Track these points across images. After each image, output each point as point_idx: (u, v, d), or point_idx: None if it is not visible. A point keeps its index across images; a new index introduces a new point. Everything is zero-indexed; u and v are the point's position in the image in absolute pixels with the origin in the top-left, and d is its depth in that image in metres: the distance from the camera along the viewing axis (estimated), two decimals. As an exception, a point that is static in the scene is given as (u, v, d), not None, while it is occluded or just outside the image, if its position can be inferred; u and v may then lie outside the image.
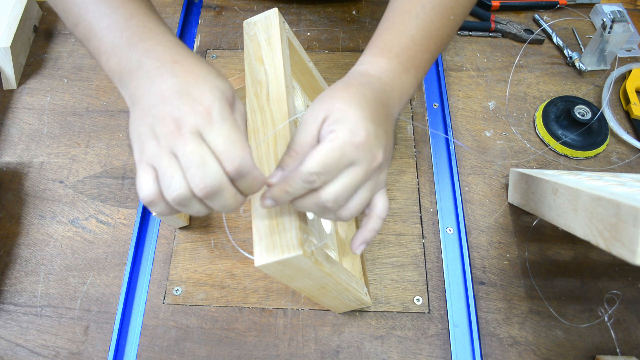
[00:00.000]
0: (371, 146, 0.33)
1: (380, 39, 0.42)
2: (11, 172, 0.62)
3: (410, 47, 0.41)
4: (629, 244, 0.32)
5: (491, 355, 0.49)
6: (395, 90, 0.39)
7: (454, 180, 0.58)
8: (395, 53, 0.40)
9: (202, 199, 0.30)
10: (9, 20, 0.69)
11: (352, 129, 0.32)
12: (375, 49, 0.41)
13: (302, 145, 0.33)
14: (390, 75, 0.39)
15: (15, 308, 0.53)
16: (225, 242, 0.56)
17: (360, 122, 0.32)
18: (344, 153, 0.32)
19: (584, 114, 0.60)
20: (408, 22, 0.41)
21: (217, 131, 0.30)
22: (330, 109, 0.33)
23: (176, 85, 0.32)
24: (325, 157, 0.31)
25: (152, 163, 0.31)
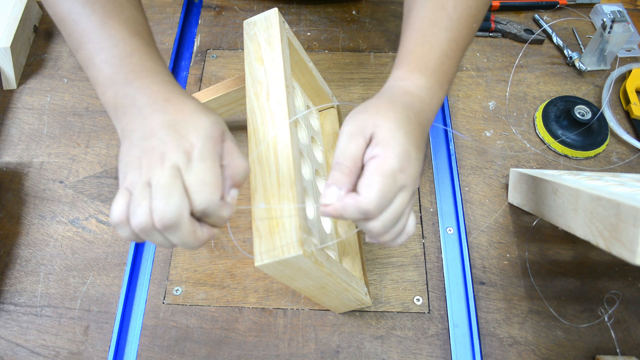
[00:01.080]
0: (414, 171, 0.34)
1: (414, 54, 0.41)
2: (11, 172, 0.62)
3: (444, 63, 0.41)
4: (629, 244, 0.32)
5: (491, 355, 0.49)
6: (432, 108, 0.40)
7: (454, 180, 0.58)
8: (432, 70, 0.40)
9: (160, 231, 0.31)
10: (9, 20, 0.69)
11: (400, 155, 0.33)
12: (411, 65, 0.41)
13: (352, 159, 0.33)
14: (430, 93, 0.40)
15: (15, 308, 0.53)
16: (225, 242, 0.56)
17: (406, 148, 0.33)
18: (395, 181, 0.32)
19: (584, 114, 0.60)
20: (438, 36, 0.41)
21: (194, 170, 0.31)
22: (378, 126, 0.34)
23: (166, 122, 0.33)
24: (383, 188, 0.32)
25: (129, 189, 0.32)
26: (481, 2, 0.43)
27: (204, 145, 0.32)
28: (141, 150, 0.33)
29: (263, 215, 0.35)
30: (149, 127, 0.33)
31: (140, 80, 0.36)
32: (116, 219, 0.32)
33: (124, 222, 0.32)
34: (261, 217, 0.35)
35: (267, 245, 0.34)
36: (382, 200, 0.32)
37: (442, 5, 0.42)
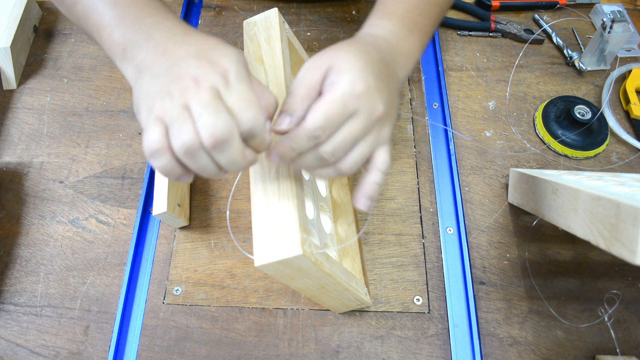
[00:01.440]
0: (371, 97, 0.33)
1: (384, 5, 0.43)
2: (11, 172, 0.62)
3: (413, 11, 0.42)
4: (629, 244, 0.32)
5: (491, 355, 0.49)
6: (401, 53, 0.40)
7: (454, 180, 0.58)
8: (398, 16, 0.42)
9: (210, 150, 0.29)
10: (9, 20, 0.69)
11: (352, 80, 0.32)
12: (379, 13, 0.43)
13: (307, 89, 0.33)
14: (395, 36, 0.40)
15: (15, 308, 0.53)
16: (225, 242, 0.56)
17: (361, 73, 0.33)
18: (345, 104, 0.32)
19: (584, 114, 0.60)
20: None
21: (234, 91, 0.30)
22: (335, 58, 0.33)
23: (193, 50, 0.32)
24: (328, 110, 0.31)
25: (162, 118, 0.30)
26: None
27: (239, 68, 0.31)
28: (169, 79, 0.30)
29: (263, 215, 0.35)
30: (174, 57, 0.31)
31: (153, 17, 0.35)
32: (154, 145, 0.29)
33: (163, 147, 0.30)
34: (261, 217, 0.35)
35: (267, 245, 0.34)
36: (326, 121, 0.31)
37: None
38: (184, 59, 0.31)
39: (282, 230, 0.34)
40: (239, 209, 0.58)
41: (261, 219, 0.35)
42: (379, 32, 0.40)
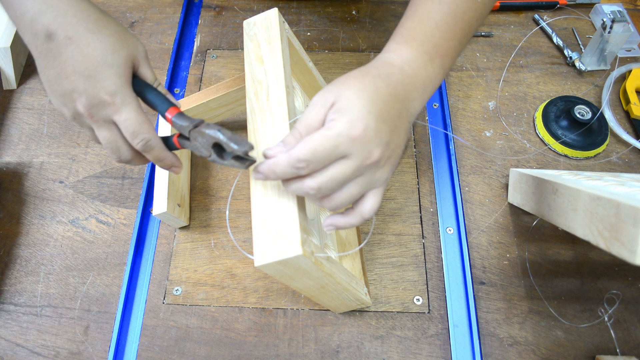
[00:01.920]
0: (367, 142, 0.32)
1: (404, 27, 0.40)
2: (11, 172, 0.62)
3: (435, 35, 0.39)
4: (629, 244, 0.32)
5: (491, 355, 0.49)
6: (418, 83, 0.38)
7: (454, 180, 0.58)
8: (419, 41, 0.39)
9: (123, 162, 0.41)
10: (9, 20, 0.68)
11: (351, 121, 0.32)
12: (398, 37, 0.40)
13: (307, 126, 0.33)
14: (414, 65, 0.38)
15: (15, 308, 0.53)
16: (225, 242, 0.56)
17: (361, 115, 0.32)
18: (337, 144, 0.31)
19: (584, 114, 0.60)
20: (431, 9, 0.40)
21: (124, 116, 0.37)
22: (339, 95, 0.33)
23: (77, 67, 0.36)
24: (317, 146, 0.31)
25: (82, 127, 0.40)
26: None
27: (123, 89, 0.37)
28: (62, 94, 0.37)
29: (263, 215, 0.35)
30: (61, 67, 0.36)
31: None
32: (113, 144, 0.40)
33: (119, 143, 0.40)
34: (261, 217, 0.35)
35: (267, 245, 0.34)
36: (312, 155, 0.31)
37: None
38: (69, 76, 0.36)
39: (282, 230, 0.34)
40: (239, 209, 0.58)
41: (261, 219, 0.35)
42: (395, 60, 0.38)
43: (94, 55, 0.36)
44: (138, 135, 0.38)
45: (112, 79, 0.36)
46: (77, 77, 0.36)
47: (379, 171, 0.35)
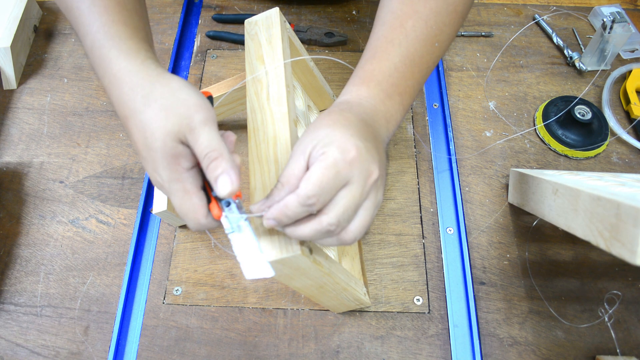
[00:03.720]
0: (364, 161, 0.32)
1: (362, 69, 0.41)
2: (11, 172, 0.62)
3: (393, 75, 0.41)
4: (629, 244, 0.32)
5: (491, 355, 0.49)
6: (379, 114, 0.39)
7: (454, 180, 0.58)
8: (376, 81, 0.40)
9: None
10: (9, 20, 0.69)
11: (341, 146, 0.31)
12: (356, 79, 0.41)
13: (288, 177, 0.32)
14: (372, 101, 0.39)
15: (15, 308, 0.53)
16: (225, 242, 0.56)
17: (347, 139, 0.32)
18: (338, 171, 0.31)
19: (584, 114, 0.60)
20: (391, 51, 0.41)
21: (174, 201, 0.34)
22: (316, 137, 0.33)
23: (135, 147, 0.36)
24: (320, 178, 0.30)
25: None
26: (444, 23, 0.43)
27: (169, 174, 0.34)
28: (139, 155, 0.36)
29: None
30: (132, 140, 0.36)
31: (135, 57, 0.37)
32: None
33: None
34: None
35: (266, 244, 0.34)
36: (319, 188, 0.30)
37: (401, 24, 0.42)
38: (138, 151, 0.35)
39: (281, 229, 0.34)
40: (239, 209, 0.58)
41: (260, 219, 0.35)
42: (353, 99, 0.39)
43: (138, 137, 0.34)
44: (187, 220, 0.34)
45: (155, 162, 0.34)
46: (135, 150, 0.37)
47: (380, 191, 0.34)
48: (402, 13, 0.42)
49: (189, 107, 0.33)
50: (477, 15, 0.74)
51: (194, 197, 0.33)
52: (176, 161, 0.33)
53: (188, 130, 0.33)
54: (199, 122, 0.33)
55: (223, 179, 0.32)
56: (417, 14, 0.42)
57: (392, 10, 0.43)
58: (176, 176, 0.33)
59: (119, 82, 0.36)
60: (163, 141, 0.33)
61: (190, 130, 0.33)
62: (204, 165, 0.33)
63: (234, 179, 0.32)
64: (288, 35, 0.47)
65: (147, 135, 0.33)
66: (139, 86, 0.35)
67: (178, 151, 0.33)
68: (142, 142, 0.34)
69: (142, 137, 0.34)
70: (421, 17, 0.42)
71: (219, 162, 0.32)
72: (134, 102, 0.34)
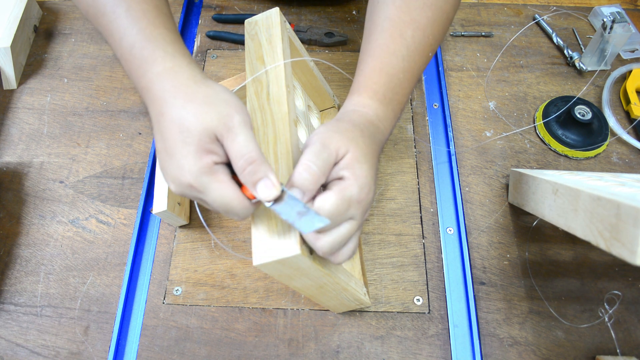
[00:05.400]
0: (368, 203, 0.36)
1: (372, 81, 0.43)
2: (11, 172, 0.62)
3: (399, 92, 0.44)
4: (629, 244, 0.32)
5: (491, 355, 0.49)
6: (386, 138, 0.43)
7: (454, 180, 0.58)
8: (389, 99, 0.43)
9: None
10: (9, 20, 0.69)
11: (361, 186, 0.34)
12: (370, 92, 0.43)
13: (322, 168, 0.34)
14: (386, 123, 0.43)
15: (15, 308, 0.53)
16: (225, 242, 0.56)
17: (367, 181, 0.35)
18: (349, 207, 0.34)
19: (584, 114, 0.60)
20: (396, 65, 0.43)
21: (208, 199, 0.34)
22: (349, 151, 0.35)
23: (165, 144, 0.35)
24: (334, 208, 0.33)
25: None
26: (439, 32, 0.45)
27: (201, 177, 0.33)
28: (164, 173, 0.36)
29: (262, 215, 0.35)
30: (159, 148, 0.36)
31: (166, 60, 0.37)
32: None
33: None
34: (260, 216, 0.35)
35: (266, 244, 0.34)
36: (330, 217, 0.33)
37: (401, 33, 0.44)
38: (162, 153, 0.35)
39: (281, 229, 0.34)
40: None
41: (260, 219, 0.35)
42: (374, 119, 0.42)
43: (172, 132, 0.34)
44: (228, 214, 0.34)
45: (188, 159, 0.33)
46: (165, 154, 0.35)
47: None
48: (401, 21, 0.44)
49: (229, 107, 0.34)
50: (477, 15, 0.74)
51: (232, 185, 0.33)
52: (209, 156, 0.33)
53: (226, 129, 0.33)
54: (238, 123, 0.33)
55: (265, 183, 0.32)
56: (415, 22, 0.44)
57: (389, 17, 0.44)
58: (208, 169, 0.33)
59: (162, 80, 0.36)
60: (199, 135, 0.33)
61: (228, 130, 0.33)
62: (238, 166, 0.33)
63: (275, 182, 0.32)
64: (288, 35, 0.47)
65: (183, 129, 0.33)
66: (183, 85, 0.35)
67: (212, 147, 0.33)
68: (176, 137, 0.33)
69: (177, 132, 0.34)
70: (419, 27, 0.44)
71: (258, 166, 0.32)
72: (174, 99, 0.35)
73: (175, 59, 0.37)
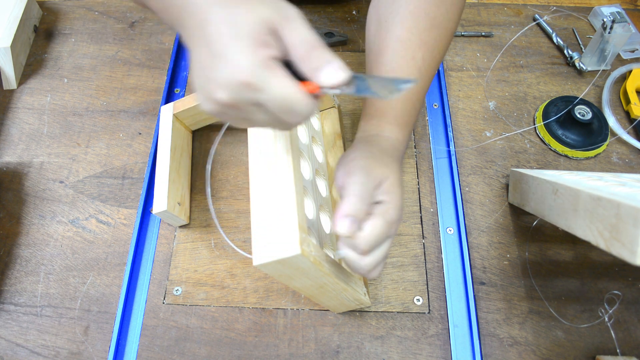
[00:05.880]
0: (400, 220, 0.39)
1: (390, 106, 0.46)
2: (11, 172, 0.62)
3: (413, 115, 0.47)
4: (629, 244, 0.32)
5: (491, 355, 0.49)
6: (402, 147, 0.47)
7: (454, 180, 0.58)
8: (405, 123, 0.47)
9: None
10: (9, 20, 0.69)
11: (399, 209, 0.38)
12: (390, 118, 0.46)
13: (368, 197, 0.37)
14: (404, 144, 0.47)
15: (15, 308, 0.53)
16: (225, 242, 0.56)
17: (401, 202, 0.39)
18: (390, 228, 0.37)
19: (584, 114, 0.60)
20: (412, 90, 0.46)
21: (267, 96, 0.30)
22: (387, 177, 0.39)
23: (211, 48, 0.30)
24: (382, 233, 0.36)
25: None
26: (443, 50, 0.48)
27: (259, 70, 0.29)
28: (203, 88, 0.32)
29: (262, 214, 0.35)
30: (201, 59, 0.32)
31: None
32: None
33: None
34: (260, 216, 0.35)
35: (266, 244, 0.34)
36: (376, 242, 0.36)
37: (413, 56, 0.45)
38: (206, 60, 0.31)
39: (281, 229, 0.34)
40: (239, 209, 0.58)
41: (260, 218, 0.35)
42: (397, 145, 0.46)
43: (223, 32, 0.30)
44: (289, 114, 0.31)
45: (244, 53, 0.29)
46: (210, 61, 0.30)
47: None
48: (411, 43, 0.46)
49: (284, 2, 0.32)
50: (477, 15, 0.74)
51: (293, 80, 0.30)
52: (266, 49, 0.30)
53: (284, 18, 0.30)
54: (295, 14, 0.31)
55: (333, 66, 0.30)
56: (425, 45, 0.46)
57: (400, 38, 0.46)
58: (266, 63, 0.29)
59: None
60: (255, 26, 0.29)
61: (287, 19, 0.30)
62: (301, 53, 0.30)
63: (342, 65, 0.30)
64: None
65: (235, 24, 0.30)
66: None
67: (268, 40, 0.30)
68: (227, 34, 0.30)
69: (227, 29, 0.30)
70: (428, 49, 0.46)
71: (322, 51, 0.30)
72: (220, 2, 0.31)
73: None
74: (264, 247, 0.34)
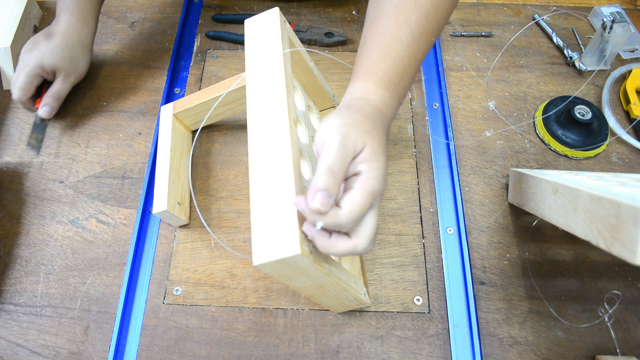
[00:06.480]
0: (384, 190, 0.38)
1: (378, 67, 0.44)
2: (11, 172, 0.62)
3: (403, 78, 0.44)
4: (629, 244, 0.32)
5: (491, 355, 0.49)
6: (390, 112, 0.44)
7: (454, 180, 0.58)
8: (394, 85, 0.44)
9: None
10: (9, 20, 0.69)
11: (380, 178, 0.36)
12: (376, 79, 0.43)
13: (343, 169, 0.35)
14: (391, 109, 0.44)
15: (15, 308, 0.53)
16: (225, 242, 0.56)
17: (384, 172, 0.37)
18: (373, 200, 0.35)
19: (584, 114, 0.60)
20: (400, 50, 0.43)
21: None
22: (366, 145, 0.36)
23: None
24: (362, 207, 0.34)
25: None
26: (442, 16, 0.45)
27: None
28: None
29: (262, 214, 0.35)
30: None
31: None
32: None
33: None
34: (260, 216, 0.35)
35: (266, 244, 0.34)
36: (357, 216, 0.34)
37: (405, 19, 0.44)
38: None
39: (280, 229, 0.34)
40: (239, 209, 0.58)
41: (260, 218, 0.35)
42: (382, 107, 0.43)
43: None
44: None
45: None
46: None
47: None
48: (405, 6, 0.44)
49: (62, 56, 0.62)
50: (477, 15, 0.74)
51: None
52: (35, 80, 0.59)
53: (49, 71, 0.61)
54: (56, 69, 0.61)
55: None
56: (421, 8, 0.44)
57: (394, 2, 0.45)
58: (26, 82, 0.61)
59: None
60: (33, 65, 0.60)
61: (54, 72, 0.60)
62: None
63: None
64: (288, 35, 0.47)
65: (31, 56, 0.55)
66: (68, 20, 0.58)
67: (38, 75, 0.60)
68: None
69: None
70: (423, 11, 0.44)
71: None
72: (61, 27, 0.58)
73: None
74: (264, 247, 0.34)
